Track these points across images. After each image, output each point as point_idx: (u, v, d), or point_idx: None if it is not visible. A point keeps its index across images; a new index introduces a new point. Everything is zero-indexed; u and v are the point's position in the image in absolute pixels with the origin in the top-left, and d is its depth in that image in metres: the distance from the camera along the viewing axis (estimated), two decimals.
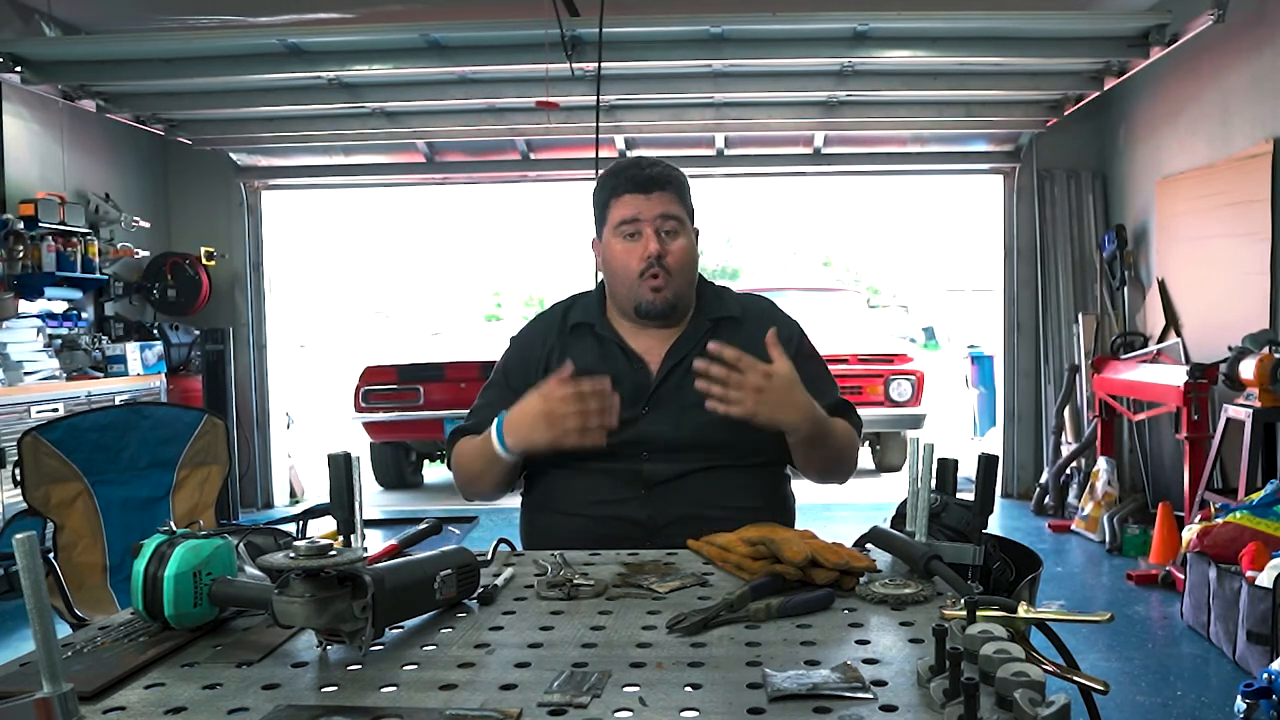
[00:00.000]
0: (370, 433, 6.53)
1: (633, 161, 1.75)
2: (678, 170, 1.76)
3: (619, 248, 1.71)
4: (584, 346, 1.76)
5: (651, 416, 1.67)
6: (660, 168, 1.73)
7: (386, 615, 1.03)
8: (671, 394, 1.69)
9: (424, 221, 22.18)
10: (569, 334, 1.78)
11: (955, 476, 1.33)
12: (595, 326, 1.76)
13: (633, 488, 1.64)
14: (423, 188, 7.85)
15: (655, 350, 1.73)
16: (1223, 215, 4.48)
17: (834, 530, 1.40)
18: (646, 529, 1.60)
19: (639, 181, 1.70)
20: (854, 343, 6.83)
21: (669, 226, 1.70)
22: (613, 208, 1.72)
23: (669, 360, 1.71)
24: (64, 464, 2.34)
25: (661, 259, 1.68)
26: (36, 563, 0.73)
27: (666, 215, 1.70)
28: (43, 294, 4.91)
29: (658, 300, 1.70)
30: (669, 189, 1.71)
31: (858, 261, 29.39)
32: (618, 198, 1.72)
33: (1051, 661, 0.89)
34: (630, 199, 1.70)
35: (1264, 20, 4.14)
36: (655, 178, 1.71)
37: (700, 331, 1.74)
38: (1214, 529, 3.42)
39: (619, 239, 1.71)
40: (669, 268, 1.69)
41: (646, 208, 1.69)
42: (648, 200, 1.69)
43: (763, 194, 25.33)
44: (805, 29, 4.48)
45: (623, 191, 1.71)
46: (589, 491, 1.65)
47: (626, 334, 1.76)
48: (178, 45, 4.68)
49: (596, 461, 1.65)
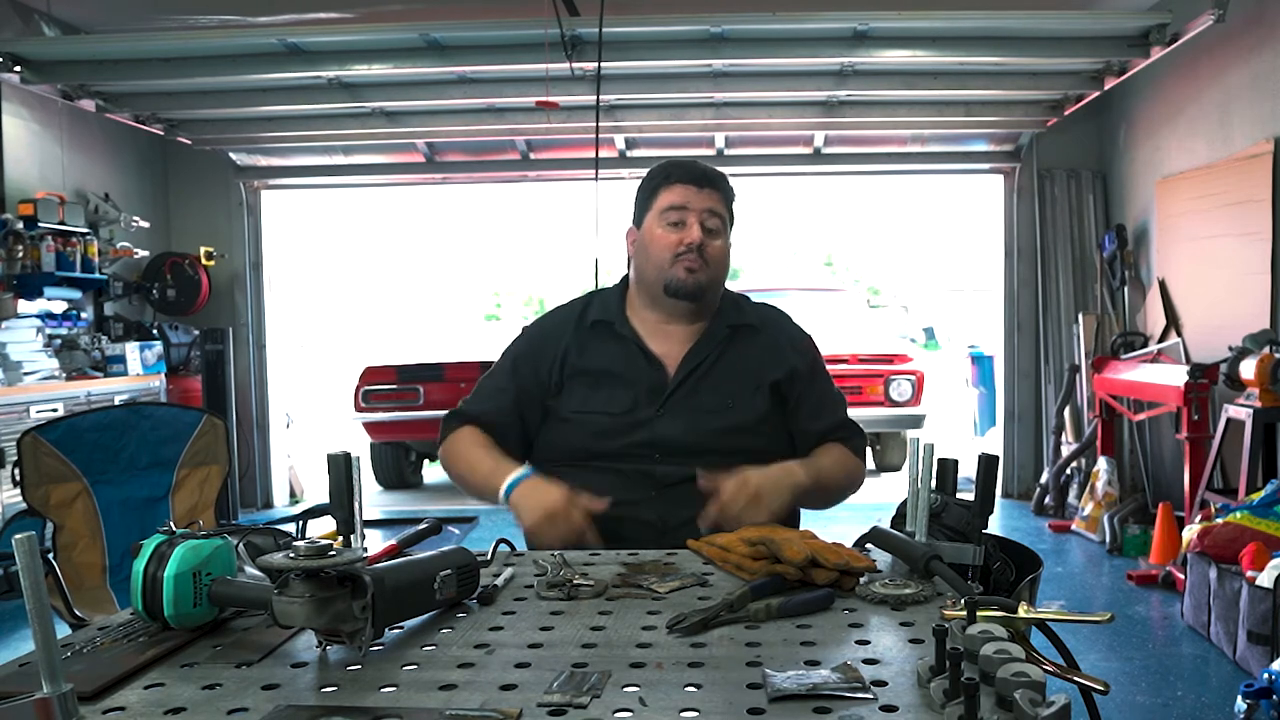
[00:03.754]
0: (370, 433, 6.53)
1: (688, 158, 1.80)
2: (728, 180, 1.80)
3: (660, 233, 1.73)
4: (603, 345, 1.76)
5: (666, 419, 1.68)
6: (712, 169, 1.78)
7: (386, 615, 1.03)
8: (687, 397, 1.70)
9: (424, 221, 22.18)
10: (588, 330, 1.78)
11: (955, 476, 1.33)
12: (615, 325, 1.76)
13: (644, 489, 1.64)
14: (423, 188, 7.85)
15: (673, 353, 1.74)
16: (1223, 215, 4.48)
17: (834, 530, 1.40)
18: (657, 530, 1.61)
19: (694, 174, 1.74)
20: (854, 343, 6.83)
21: (713, 224, 1.73)
22: (661, 195, 1.74)
23: (686, 364, 1.72)
24: (64, 464, 2.34)
25: (702, 248, 1.70)
26: (36, 563, 0.73)
27: (713, 211, 1.73)
28: (42, 294, 4.91)
29: (689, 280, 1.70)
30: (720, 189, 1.75)
31: (858, 261, 29.39)
32: (669, 186, 1.74)
33: (1051, 661, 0.89)
34: (681, 188, 1.73)
35: (1264, 20, 4.14)
36: (709, 174, 1.75)
37: (718, 337, 1.75)
38: (1214, 529, 3.42)
39: (662, 225, 1.73)
40: (707, 258, 1.71)
41: (697, 199, 1.72)
42: (699, 193, 1.72)
43: (763, 194, 25.28)
44: (805, 29, 4.48)
45: (675, 181, 1.74)
46: (600, 492, 1.65)
47: (646, 334, 1.76)
48: (178, 45, 4.68)
49: (608, 462, 1.66)
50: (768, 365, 1.74)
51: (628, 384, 1.71)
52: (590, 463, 1.68)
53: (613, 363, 1.73)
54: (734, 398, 1.71)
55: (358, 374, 6.49)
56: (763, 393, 1.72)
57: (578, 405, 1.72)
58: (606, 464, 1.66)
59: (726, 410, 1.69)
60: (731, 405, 1.70)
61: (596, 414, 1.69)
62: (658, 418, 1.67)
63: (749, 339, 1.77)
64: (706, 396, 1.70)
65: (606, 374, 1.72)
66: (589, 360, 1.74)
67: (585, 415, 1.70)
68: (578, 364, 1.74)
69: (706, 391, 1.70)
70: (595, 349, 1.75)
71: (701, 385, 1.71)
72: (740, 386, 1.72)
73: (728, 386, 1.71)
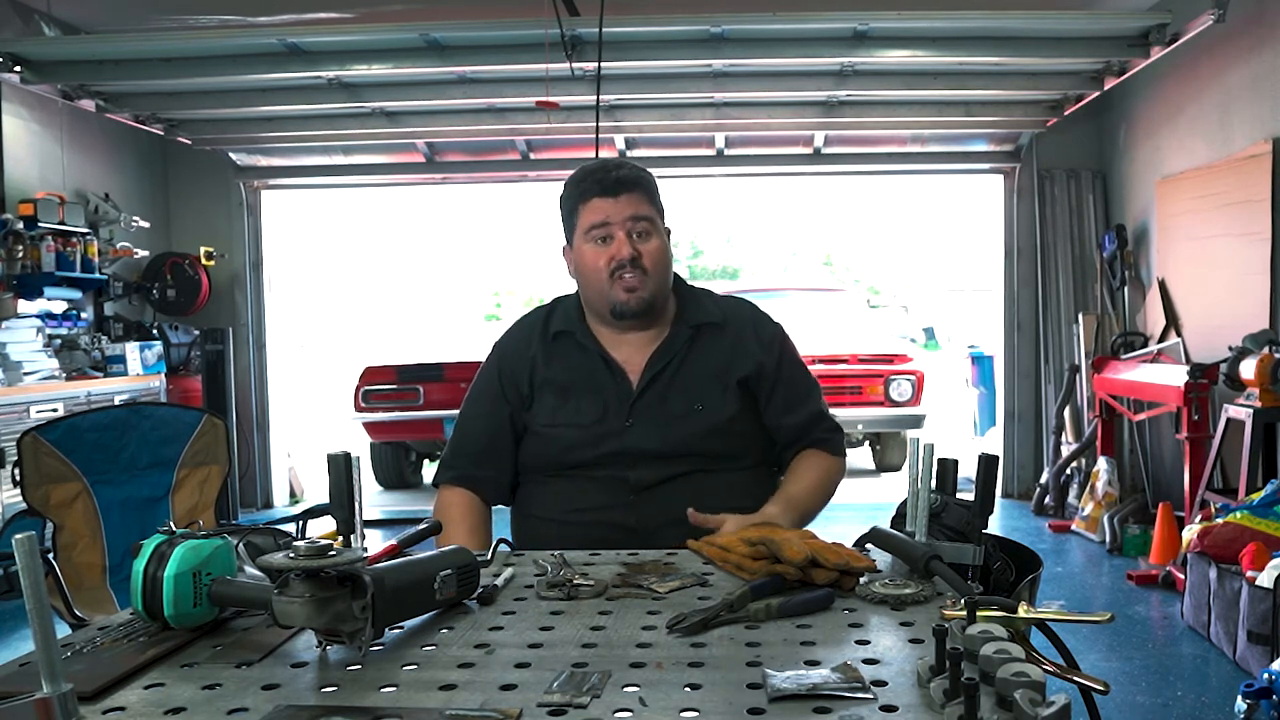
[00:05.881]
0: (370, 433, 6.53)
1: (598, 164, 1.72)
2: (644, 170, 1.72)
3: (590, 253, 1.67)
4: (566, 356, 1.73)
5: (635, 428, 1.65)
6: (626, 169, 1.69)
7: (386, 615, 1.03)
8: (653, 404, 1.67)
9: (424, 221, 22.17)
10: (551, 342, 1.75)
11: (955, 476, 1.33)
12: (577, 335, 1.73)
13: (620, 494, 1.63)
14: (423, 188, 7.84)
15: (635, 360, 1.71)
16: (1222, 215, 4.48)
17: (834, 530, 1.40)
18: (636, 534, 1.60)
19: (606, 184, 1.66)
20: (854, 343, 6.84)
21: (640, 228, 1.67)
22: (581, 213, 1.68)
23: (649, 370, 1.69)
24: (64, 464, 2.34)
25: (636, 261, 1.64)
26: (36, 563, 0.73)
27: (637, 216, 1.66)
28: (42, 294, 4.91)
29: (632, 300, 1.66)
30: (637, 190, 1.67)
31: (858, 261, 29.38)
32: (585, 202, 1.68)
33: (1051, 661, 0.89)
34: (599, 203, 1.66)
35: (1264, 20, 4.14)
36: (622, 179, 1.66)
37: (681, 339, 1.72)
38: (1214, 529, 3.42)
39: (590, 244, 1.68)
40: (645, 268, 1.66)
41: (615, 210, 1.65)
42: (616, 203, 1.65)
43: (763, 194, 25.29)
44: (805, 29, 4.48)
45: (590, 196, 1.67)
46: (577, 499, 1.65)
47: (607, 342, 1.73)
48: (178, 45, 4.68)
49: (583, 470, 1.65)
50: (734, 363, 1.71)
51: (594, 394, 1.68)
52: (567, 472, 1.67)
53: (577, 374, 1.70)
54: (702, 400, 1.67)
55: (358, 374, 6.49)
56: (731, 391, 1.69)
57: (547, 419, 1.70)
58: (580, 473, 1.65)
59: (695, 413, 1.66)
60: (700, 408, 1.67)
61: (566, 427, 1.68)
62: (627, 428, 1.65)
63: (713, 337, 1.73)
64: (675, 401, 1.67)
65: (573, 385, 1.70)
66: (555, 372, 1.72)
67: (555, 429, 1.69)
68: (545, 375, 1.72)
69: (674, 396, 1.67)
70: (560, 360, 1.72)
71: (669, 391, 1.68)
72: (708, 387, 1.69)
73: (695, 389, 1.68)
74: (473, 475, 1.74)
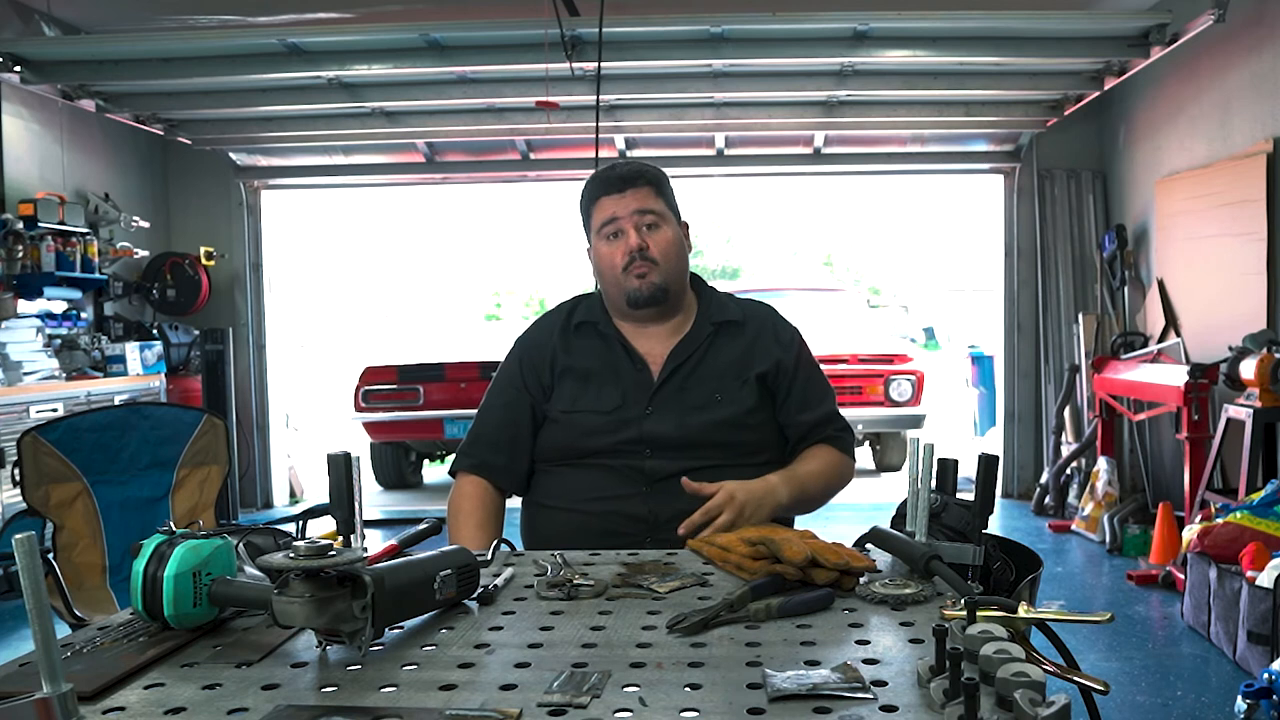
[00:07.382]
0: (370, 433, 6.53)
1: (607, 166, 1.80)
2: (653, 167, 1.79)
3: (604, 249, 1.74)
4: (588, 344, 1.78)
5: (654, 416, 1.68)
6: (632, 166, 1.76)
7: (386, 615, 1.03)
8: (674, 395, 1.70)
9: (424, 221, 22.16)
10: (573, 332, 1.79)
11: (955, 476, 1.33)
12: (599, 325, 1.78)
13: (635, 484, 1.65)
14: (423, 188, 7.85)
15: (657, 352, 1.75)
16: (1220, 215, 4.48)
17: (834, 530, 1.40)
18: (648, 524, 1.62)
19: (610, 182, 1.74)
20: (854, 343, 6.83)
21: (648, 220, 1.73)
22: (594, 214, 1.76)
23: (671, 362, 1.73)
24: (63, 464, 2.34)
25: (644, 251, 1.70)
26: (36, 563, 0.73)
27: (643, 210, 1.72)
28: (42, 294, 4.91)
29: (644, 286, 1.71)
30: (641, 184, 1.74)
31: (858, 261, 29.36)
32: (596, 202, 1.75)
33: (1051, 661, 0.89)
34: (606, 200, 1.74)
35: (1264, 20, 4.14)
36: (625, 175, 1.74)
37: (703, 335, 1.76)
38: (1214, 529, 3.42)
39: (603, 241, 1.75)
40: (653, 257, 1.71)
41: (621, 206, 1.72)
42: (622, 198, 1.72)
43: (763, 194, 25.29)
44: (805, 29, 4.48)
45: (599, 195, 1.75)
46: (591, 488, 1.67)
47: (629, 335, 1.77)
48: (178, 45, 4.68)
49: (599, 459, 1.67)
50: (753, 359, 1.75)
51: (614, 382, 1.72)
52: (582, 460, 1.69)
53: (598, 361, 1.74)
54: (721, 392, 1.71)
55: (358, 374, 6.49)
56: (750, 385, 1.73)
57: (567, 404, 1.73)
58: (597, 461, 1.68)
59: (715, 405, 1.70)
60: (720, 399, 1.71)
61: (585, 413, 1.70)
62: (647, 415, 1.68)
63: (733, 334, 1.78)
64: (694, 392, 1.71)
65: (593, 372, 1.74)
66: (575, 359, 1.75)
67: (574, 415, 1.71)
68: (566, 363, 1.76)
69: (694, 388, 1.71)
70: (581, 348, 1.77)
71: (689, 382, 1.72)
72: (727, 381, 1.73)
73: (715, 382, 1.72)
74: (489, 463, 1.76)
